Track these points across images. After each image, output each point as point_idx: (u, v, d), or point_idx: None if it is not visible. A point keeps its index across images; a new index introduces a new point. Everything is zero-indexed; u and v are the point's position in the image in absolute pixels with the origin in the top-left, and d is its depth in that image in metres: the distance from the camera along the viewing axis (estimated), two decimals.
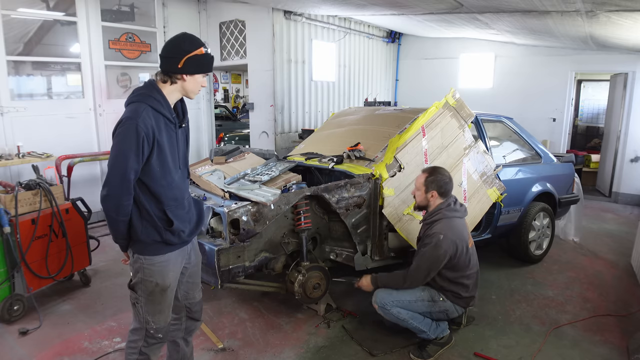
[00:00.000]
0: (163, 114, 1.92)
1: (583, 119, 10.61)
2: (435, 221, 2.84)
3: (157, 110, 1.90)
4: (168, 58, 1.92)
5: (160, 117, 1.91)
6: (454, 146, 3.50)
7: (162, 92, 1.94)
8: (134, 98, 1.91)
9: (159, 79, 1.96)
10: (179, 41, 1.92)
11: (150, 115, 1.86)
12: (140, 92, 1.92)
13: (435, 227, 2.81)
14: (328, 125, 4.67)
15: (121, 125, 1.84)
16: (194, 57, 1.90)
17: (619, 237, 5.36)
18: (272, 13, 6.10)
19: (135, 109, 1.85)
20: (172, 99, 1.99)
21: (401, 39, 8.96)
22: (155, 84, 1.95)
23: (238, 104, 15.82)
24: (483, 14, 5.14)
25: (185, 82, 1.95)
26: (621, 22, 4.29)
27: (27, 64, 5.32)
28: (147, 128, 1.83)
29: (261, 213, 2.87)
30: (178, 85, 1.96)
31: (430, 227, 2.86)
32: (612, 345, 3.05)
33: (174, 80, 1.94)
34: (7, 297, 3.23)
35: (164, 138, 1.92)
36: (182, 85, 1.96)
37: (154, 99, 1.90)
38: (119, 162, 1.82)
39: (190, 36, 1.94)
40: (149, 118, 1.85)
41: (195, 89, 1.99)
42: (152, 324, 2.05)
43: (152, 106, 1.89)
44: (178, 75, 1.93)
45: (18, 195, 3.27)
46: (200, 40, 1.94)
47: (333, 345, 3.01)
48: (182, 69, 1.91)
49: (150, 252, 1.99)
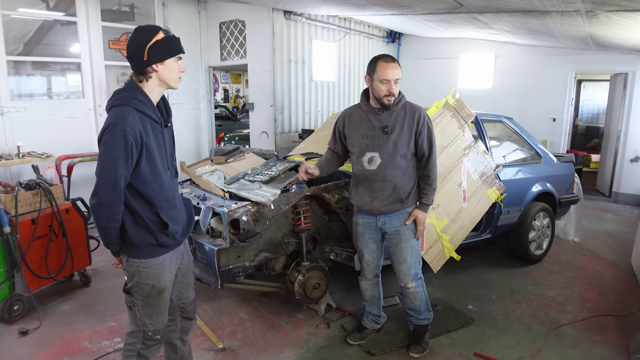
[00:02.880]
0: (148, 115, 1.87)
1: (583, 119, 10.61)
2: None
3: (141, 112, 1.84)
4: (133, 56, 1.86)
5: (146, 119, 1.86)
6: (454, 146, 3.50)
7: (145, 91, 1.89)
8: (116, 101, 1.84)
9: (136, 80, 1.90)
10: (135, 36, 1.86)
11: (136, 118, 1.80)
12: (122, 95, 1.85)
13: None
14: (328, 125, 4.67)
15: (107, 131, 1.77)
16: (154, 44, 1.83)
17: (619, 237, 5.36)
18: (272, 13, 6.10)
19: (120, 114, 1.79)
20: (155, 97, 1.93)
21: (401, 39, 8.96)
22: (136, 84, 1.88)
23: (238, 104, 15.82)
24: (483, 14, 5.14)
25: (159, 72, 1.87)
26: (621, 22, 4.29)
27: (27, 64, 5.32)
28: (134, 132, 1.78)
29: (261, 213, 2.87)
30: (154, 80, 1.89)
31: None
32: (612, 345, 3.05)
33: (147, 76, 1.87)
34: (7, 297, 3.23)
35: (152, 140, 1.87)
36: (158, 77, 1.89)
37: (137, 100, 1.84)
38: (109, 169, 1.77)
39: (144, 27, 1.88)
40: (136, 122, 1.79)
41: (173, 75, 1.91)
42: (149, 326, 2.05)
43: (137, 108, 1.83)
44: (149, 69, 1.86)
45: (18, 195, 3.27)
46: (155, 26, 1.88)
47: (333, 345, 3.01)
48: (148, 60, 1.83)
49: (146, 255, 1.96)
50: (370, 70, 2.62)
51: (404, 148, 2.64)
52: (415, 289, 2.83)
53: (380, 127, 2.64)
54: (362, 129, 2.71)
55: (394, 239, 2.77)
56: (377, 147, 2.66)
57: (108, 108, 1.88)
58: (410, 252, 2.77)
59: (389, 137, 2.63)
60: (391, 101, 2.60)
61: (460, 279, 4.06)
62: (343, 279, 3.87)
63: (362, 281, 3.01)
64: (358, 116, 2.75)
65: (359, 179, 2.77)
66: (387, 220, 2.74)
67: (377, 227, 2.79)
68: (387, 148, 2.63)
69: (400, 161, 2.64)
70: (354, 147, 2.75)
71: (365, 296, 3.04)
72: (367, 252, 2.89)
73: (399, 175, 2.66)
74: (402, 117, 2.65)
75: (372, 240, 2.85)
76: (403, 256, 2.77)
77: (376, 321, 3.08)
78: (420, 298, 2.87)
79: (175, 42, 1.91)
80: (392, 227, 2.74)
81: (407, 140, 2.64)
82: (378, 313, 3.08)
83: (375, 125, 2.66)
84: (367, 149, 2.68)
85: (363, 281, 3.00)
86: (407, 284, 2.82)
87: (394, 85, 2.56)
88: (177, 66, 1.92)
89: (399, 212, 2.72)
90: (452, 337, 3.10)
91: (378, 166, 2.65)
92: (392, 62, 2.57)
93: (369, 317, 3.08)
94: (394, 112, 2.65)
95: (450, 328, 3.20)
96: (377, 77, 2.56)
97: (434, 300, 3.61)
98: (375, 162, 2.66)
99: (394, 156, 2.63)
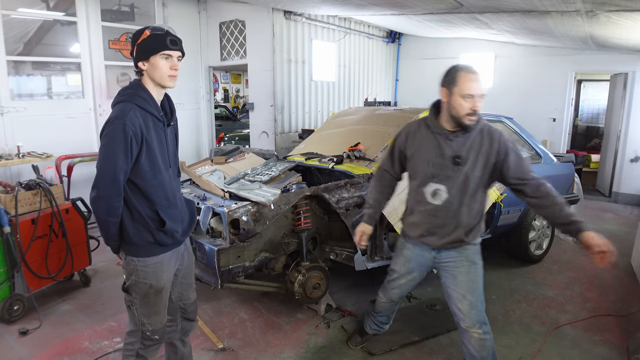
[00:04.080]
0: (151, 112, 1.90)
1: (583, 119, 10.61)
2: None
3: (144, 108, 1.88)
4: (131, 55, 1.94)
5: (148, 116, 1.89)
6: None
7: (148, 90, 1.93)
8: (120, 98, 1.89)
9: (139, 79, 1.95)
10: (132, 36, 1.94)
11: (137, 114, 1.84)
12: (127, 92, 1.90)
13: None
14: (328, 125, 4.68)
15: (108, 125, 1.82)
16: (141, 42, 1.87)
17: (619, 237, 5.35)
18: (272, 13, 6.10)
19: (122, 109, 1.83)
20: (156, 95, 1.96)
21: (401, 39, 8.97)
22: (141, 83, 1.93)
23: (238, 104, 15.82)
24: (483, 14, 5.14)
25: (146, 70, 1.90)
26: (621, 22, 4.29)
27: (27, 64, 5.32)
28: (134, 127, 1.81)
29: (261, 213, 2.87)
30: (146, 78, 1.92)
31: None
32: (612, 345, 3.05)
33: (141, 73, 1.92)
34: (7, 297, 3.23)
35: (153, 137, 1.90)
36: (148, 75, 1.91)
37: (140, 97, 1.88)
38: (108, 162, 1.80)
39: (142, 27, 1.93)
40: (137, 117, 1.83)
41: (161, 74, 1.90)
42: (148, 325, 2.04)
43: (139, 105, 1.87)
44: (140, 66, 1.90)
45: (18, 195, 3.27)
46: (149, 26, 1.91)
47: (333, 345, 3.01)
48: (136, 58, 1.89)
49: (144, 254, 1.97)
50: (447, 82, 2.17)
51: (477, 183, 2.24)
52: (483, 335, 2.35)
53: (452, 156, 2.21)
54: (429, 153, 2.27)
55: (450, 271, 2.37)
56: (444, 179, 2.24)
57: (113, 105, 1.91)
58: (471, 288, 2.34)
59: (460, 170, 2.21)
60: (473, 121, 2.16)
61: None
62: (343, 279, 3.88)
63: (382, 301, 2.73)
64: (424, 137, 2.30)
65: (415, 209, 2.38)
66: (443, 253, 2.37)
67: (430, 257, 2.42)
68: (457, 182, 2.23)
69: (470, 199, 2.26)
70: (416, 174, 2.35)
71: (380, 309, 2.80)
72: (407, 278, 2.55)
73: (465, 213, 2.27)
74: (477, 145, 2.21)
75: (419, 268, 2.51)
76: (461, 292, 2.34)
77: (380, 329, 2.92)
78: (488, 347, 2.38)
79: (160, 39, 1.87)
80: (449, 258, 2.36)
81: (481, 173, 2.22)
82: (387, 321, 2.90)
83: (446, 152, 2.22)
84: (432, 179, 2.27)
85: (383, 301, 2.72)
86: (470, 327, 2.35)
87: (479, 102, 2.13)
88: (163, 64, 1.89)
89: (459, 248, 2.34)
90: (452, 337, 3.10)
91: (443, 202, 2.26)
92: (476, 74, 2.15)
93: (374, 324, 2.90)
94: (469, 138, 2.21)
95: (450, 328, 3.19)
96: (458, 91, 2.11)
97: (433, 300, 3.61)
98: (440, 196, 2.26)
99: (463, 192, 2.24)
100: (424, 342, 3.05)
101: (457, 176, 2.22)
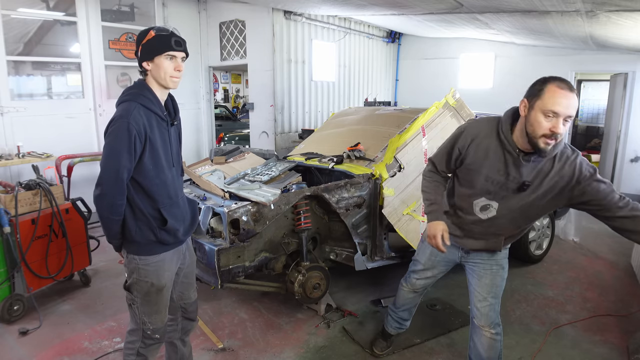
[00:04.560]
0: (154, 112, 1.92)
1: (583, 119, 10.61)
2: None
3: (148, 108, 1.89)
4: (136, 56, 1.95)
5: (152, 115, 1.91)
6: None
7: (152, 90, 1.94)
8: (124, 97, 1.91)
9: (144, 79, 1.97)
10: (137, 37, 1.95)
11: (141, 113, 1.86)
12: (131, 92, 1.92)
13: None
14: (328, 125, 4.68)
15: (112, 124, 1.84)
16: (145, 43, 1.89)
17: (619, 237, 5.28)
18: (272, 13, 6.10)
19: (126, 108, 1.85)
20: (160, 95, 1.97)
21: (401, 39, 8.96)
22: (145, 83, 1.95)
23: (238, 104, 15.83)
24: (483, 14, 5.14)
25: (150, 70, 1.92)
26: (621, 22, 4.29)
27: (27, 64, 5.32)
28: (138, 126, 1.83)
29: (261, 213, 2.87)
30: (150, 78, 1.94)
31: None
32: (612, 345, 3.05)
33: (145, 73, 1.94)
34: (7, 297, 3.23)
35: (157, 136, 1.92)
36: (152, 75, 1.93)
37: (144, 97, 1.90)
38: (112, 161, 1.81)
39: (147, 27, 1.94)
40: (140, 116, 1.85)
41: (164, 74, 1.91)
42: (148, 324, 2.05)
43: (143, 104, 1.88)
44: (144, 66, 1.91)
45: (18, 195, 3.27)
46: (155, 27, 1.93)
47: (333, 345, 3.01)
48: (140, 58, 1.91)
49: (145, 252, 1.98)
50: (531, 93, 1.85)
51: (536, 213, 2.07)
52: (495, 336, 2.33)
53: (520, 181, 1.97)
54: (491, 170, 2.02)
55: (477, 271, 2.32)
56: (499, 198, 2.05)
57: (117, 104, 1.93)
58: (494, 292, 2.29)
59: (520, 195, 2.00)
60: (550, 146, 1.82)
61: (461, 279, 4.04)
62: (343, 279, 3.88)
63: (405, 289, 2.66)
64: (491, 149, 2.00)
65: (458, 212, 2.24)
66: (473, 253, 2.31)
67: (459, 254, 2.37)
68: (512, 206, 2.04)
69: (522, 221, 2.12)
70: (468, 183, 2.13)
71: (402, 301, 2.71)
72: (432, 272, 2.51)
73: (510, 229, 2.15)
74: (546, 171, 1.93)
75: (445, 263, 2.46)
76: (483, 294, 2.30)
77: (402, 326, 2.84)
78: (496, 348, 2.36)
79: (165, 40, 1.88)
80: (479, 259, 2.30)
81: (542, 203, 2.00)
82: (408, 317, 2.81)
83: (512, 175, 1.97)
84: (486, 194, 2.08)
85: (406, 290, 2.65)
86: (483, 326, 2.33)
87: (562, 124, 1.78)
88: (168, 65, 1.90)
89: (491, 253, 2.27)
90: (452, 337, 3.10)
91: (489, 218, 2.11)
92: (569, 90, 1.77)
93: (395, 322, 2.81)
94: (540, 163, 1.93)
95: (451, 328, 3.20)
96: (540, 106, 1.79)
97: (433, 300, 3.61)
98: (489, 212, 2.10)
99: (516, 217, 2.08)
100: (424, 343, 3.04)
101: (514, 201, 2.03)
